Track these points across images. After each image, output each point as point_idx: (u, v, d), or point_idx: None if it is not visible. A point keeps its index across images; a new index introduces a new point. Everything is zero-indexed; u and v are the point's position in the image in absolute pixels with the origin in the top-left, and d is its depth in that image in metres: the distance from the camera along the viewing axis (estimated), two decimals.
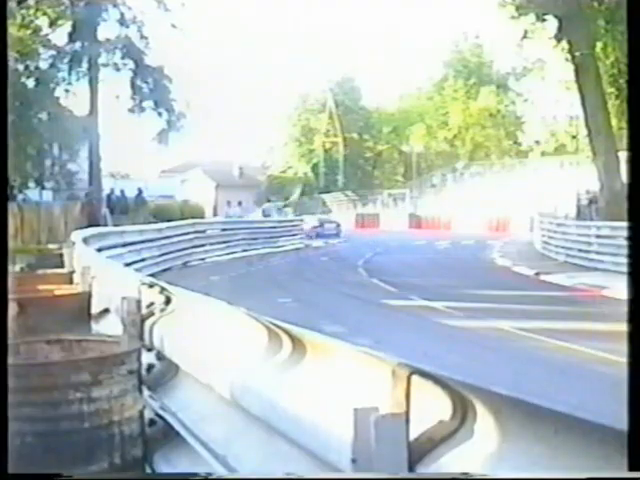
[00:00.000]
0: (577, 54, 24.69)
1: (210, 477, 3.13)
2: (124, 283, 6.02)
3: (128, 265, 13.42)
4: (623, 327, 2.49)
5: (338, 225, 44.59)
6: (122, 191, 33.24)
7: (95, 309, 6.58)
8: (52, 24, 32.30)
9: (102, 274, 7.42)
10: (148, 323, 4.91)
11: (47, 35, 32.68)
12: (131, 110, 34.13)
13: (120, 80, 33.85)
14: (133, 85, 33.95)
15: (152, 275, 9.69)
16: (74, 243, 12.37)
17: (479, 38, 68.46)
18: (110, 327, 5.79)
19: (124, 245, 18.68)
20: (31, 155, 30.96)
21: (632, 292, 2.57)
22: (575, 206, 29.67)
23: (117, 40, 33.18)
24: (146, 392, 4.44)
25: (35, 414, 3.79)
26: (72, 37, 32.22)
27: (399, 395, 2.33)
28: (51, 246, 17.97)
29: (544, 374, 8.30)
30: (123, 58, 33.39)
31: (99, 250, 13.49)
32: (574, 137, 53.35)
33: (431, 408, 2.34)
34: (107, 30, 33.20)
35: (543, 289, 17.37)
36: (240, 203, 37.02)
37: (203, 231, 26.98)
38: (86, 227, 20.60)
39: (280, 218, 39.34)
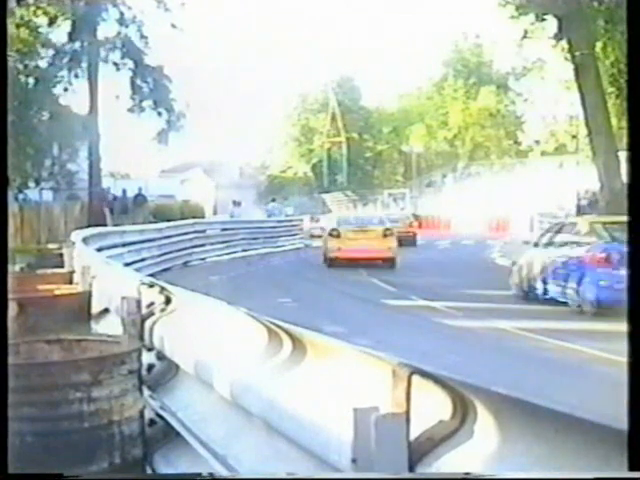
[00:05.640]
0: (577, 54, 24.67)
1: (210, 477, 3.13)
2: (124, 283, 6.02)
3: (128, 265, 13.42)
4: (623, 327, 2.49)
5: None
6: (123, 191, 33.25)
7: (95, 309, 6.58)
8: (51, 23, 32.29)
9: (102, 274, 7.42)
10: (148, 323, 4.91)
11: (47, 34, 32.67)
12: (131, 110, 34.14)
13: (120, 80, 33.90)
14: (133, 85, 33.93)
15: (152, 275, 9.70)
16: (74, 243, 12.37)
17: (479, 38, 68.54)
18: (110, 327, 5.79)
19: (124, 245, 18.67)
20: (31, 155, 30.94)
21: (632, 292, 2.57)
22: (575, 206, 29.70)
23: (117, 39, 33.17)
24: (146, 392, 4.44)
25: (35, 414, 3.79)
26: (72, 36, 32.21)
27: (399, 395, 2.32)
28: (51, 246, 17.97)
29: (544, 374, 8.29)
30: (123, 57, 33.37)
31: (99, 250, 13.49)
32: (574, 137, 53.33)
33: (431, 408, 2.34)
34: (107, 29, 33.25)
35: None
36: (236, 203, 36.86)
37: (203, 231, 26.96)
38: (89, 227, 20.62)
39: (282, 218, 39.16)
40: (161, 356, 4.71)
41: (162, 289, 5.10)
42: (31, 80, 31.58)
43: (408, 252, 25.65)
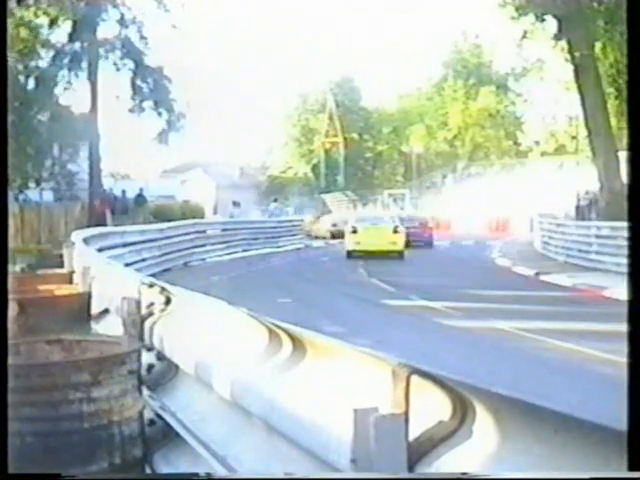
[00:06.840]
0: (576, 54, 24.69)
1: (210, 477, 3.13)
2: (124, 283, 6.02)
3: (128, 265, 13.41)
4: (623, 327, 2.49)
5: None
6: (123, 191, 33.26)
7: (95, 309, 6.58)
8: (52, 24, 32.30)
9: (102, 274, 7.42)
10: (148, 323, 4.91)
11: (47, 35, 32.68)
12: (131, 110, 34.18)
13: (120, 80, 33.94)
14: (133, 85, 33.97)
15: (152, 275, 9.69)
16: (74, 243, 12.37)
17: (479, 38, 68.49)
18: (110, 327, 5.79)
19: (124, 245, 18.67)
20: (31, 155, 30.95)
21: (632, 292, 2.57)
22: (575, 206, 29.69)
23: (117, 40, 33.20)
24: (146, 392, 4.44)
25: (35, 414, 3.79)
26: (72, 37, 32.24)
27: (399, 395, 2.33)
28: (51, 246, 17.97)
29: (544, 374, 8.29)
30: (123, 58, 33.41)
31: (100, 250, 13.48)
32: (574, 137, 53.36)
33: (431, 408, 2.34)
34: (107, 30, 33.28)
35: (543, 289, 17.37)
36: (236, 203, 36.92)
37: (203, 231, 26.96)
38: (89, 227, 20.61)
39: (284, 218, 39.11)
40: (161, 356, 4.71)
41: (162, 289, 5.10)
42: (31, 80, 31.59)
43: None
